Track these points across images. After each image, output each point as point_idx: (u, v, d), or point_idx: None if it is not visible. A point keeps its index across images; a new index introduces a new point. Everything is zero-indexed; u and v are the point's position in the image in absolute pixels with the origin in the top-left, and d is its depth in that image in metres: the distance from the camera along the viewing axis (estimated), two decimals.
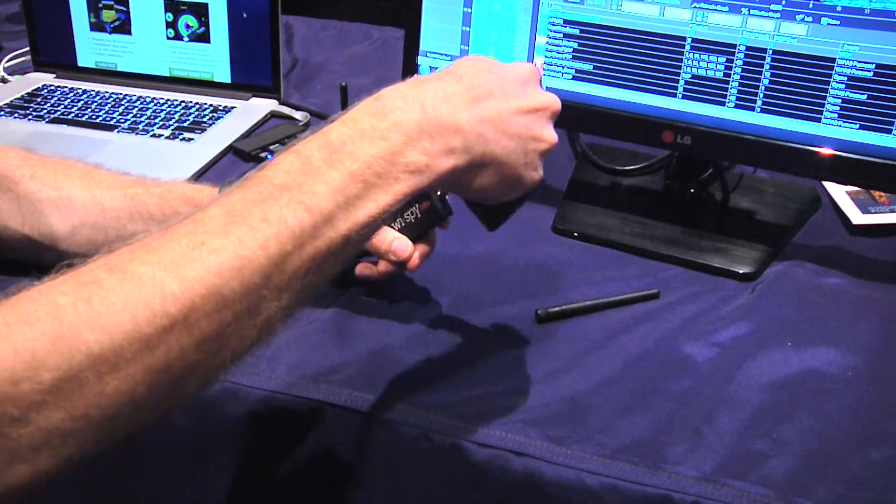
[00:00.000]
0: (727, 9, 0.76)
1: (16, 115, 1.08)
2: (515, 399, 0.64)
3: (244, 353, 0.45)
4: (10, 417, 0.37)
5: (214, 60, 1.14)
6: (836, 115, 0.75)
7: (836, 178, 0.86)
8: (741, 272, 0.80)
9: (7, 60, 1.25)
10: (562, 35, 0.83)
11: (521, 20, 0.84)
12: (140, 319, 0.40)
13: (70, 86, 1.16)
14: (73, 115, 1.08)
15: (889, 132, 0.74)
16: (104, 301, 0.39)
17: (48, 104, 1.10)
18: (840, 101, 0.75)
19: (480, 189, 0.54)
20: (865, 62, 0.73)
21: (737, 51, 0.77)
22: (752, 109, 0.78)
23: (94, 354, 0.38)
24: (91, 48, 1.17)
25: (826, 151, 0.77)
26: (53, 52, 1.19)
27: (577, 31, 0.83)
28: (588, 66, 0.84)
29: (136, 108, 1.10)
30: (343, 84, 1.08)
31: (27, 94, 1.13)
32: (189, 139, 1.03)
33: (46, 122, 1.06)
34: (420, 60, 0.89)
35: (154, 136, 1.03)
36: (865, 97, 0.74)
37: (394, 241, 0.68)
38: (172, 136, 1.03)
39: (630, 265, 0.82)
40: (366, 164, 0.48)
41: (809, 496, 0.56)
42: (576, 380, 0.66)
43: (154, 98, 1.13)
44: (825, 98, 0.75)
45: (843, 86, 0.75)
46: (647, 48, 0.80)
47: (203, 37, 1.13)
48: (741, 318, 0.74)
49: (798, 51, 0.75)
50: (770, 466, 0.59)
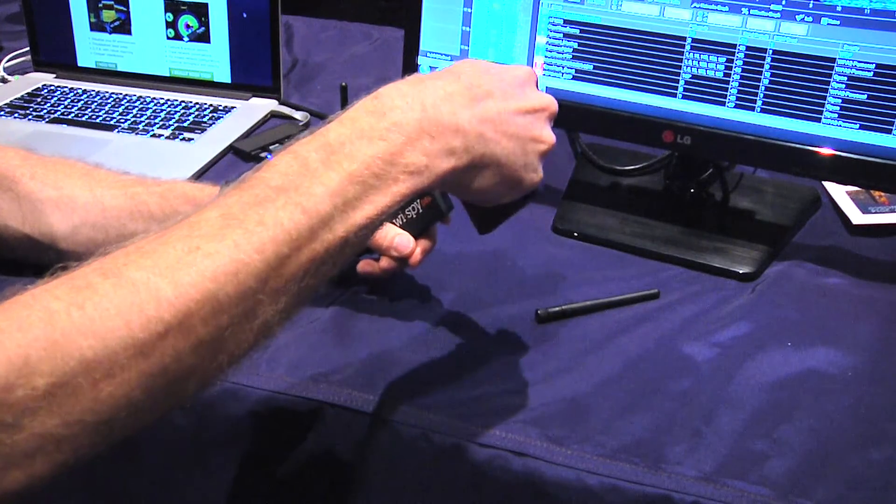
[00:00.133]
0: (727, 9, 0.76)
1: (16, 115, 1.08)
2: (515, 399, 0.64)
3: (241, 357, 0.44)
4: (4, 423, 0.37)
5: (214, 60, 1.14)
6: (836, 115, 0.75)
7: (836, 178, 0.86)
8: (741, 272, 0.80)
9: (7, 60, 1.25)
10: (562, 35, 0.83)
11: (521, 20, 0.84)
12: (134, 325, 0.39)
13: (70, 86, 1.16)
14: (73, 115, 1.08)
15: (889, 132, 0.74)
16: (98, 306, 0.39)
17: (48, 104, 1.10)
18: (840, 101, 0.75)
19: (480, 190, 0.54)
20: (865, 62, 0.73)
21: (737, 51, 0.77)
22: (752, 109, 0.78)
23: (88, 360, 0.38)
24: (91, 48, 1.17)
25: (826, 151, 0.77)
26: (53, 52, 1.19)
27: (577, 31, 0.83)
28: (588, 66, 0.84)
29: (136, 108, 1.10)
30: (343, 84, 1.08)
31: (27, 94, 1.13)
32: (189, 139, 1.03)
33: (46, 122, 1.06)
34: (420, 60, 0.89)
35: (154, 136, 1.03)
36: (865, 97, 0.74)
37: (395, 238, 0.68)
38: (172, 136, 1.03)
39: (630, 265, 0.82)
40: (364, 165, 0.47)
41: (809, 496, 0.56)
42: (576, 380, 0.66)
43: (154, 98, 1.13)
44: (825, 98, 0.75)
45: (843, 86, 0.75)
46: (647, 48, 0.80)
47: (203, 37, 1.13)
48: (741, 318, 0.74)
49: (798, 51, 0.75)
50: (770, 466, 0.59)
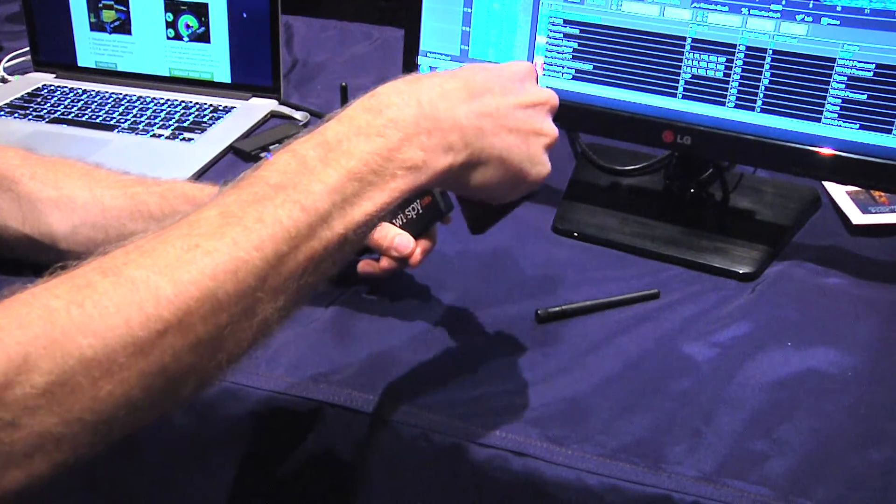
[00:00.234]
0: (727, 9, 0.76)
1: (16, 115, 1.08)
2: (515, 399, 0.64)
3: (241, 355, 0.44)
4: (4, 422, 0.37)
5: (214, 60, 1.14)
6: (836, 115, 0.75)
7: (836, 178, 0.86)
8: (741, 272, 0.80)
9: (7, 60, 1.25)
10: (562, 35, 0.83)
11: (521, 20, 0.84)
12: (134, 323, 0.39)
13: (70, 86, 1.16)
14: (73, 115, 1.08)
15: (889, 132, 0.74)
16: (97, 305, 0.39)
17: (48, 104, 1.10)
18: (840, 101, 0.75)
19: (483, 186, 0.53)
20: (865, 62, 0.73)
21: (737, 51, 0.77)
22: (752, 109, 0.78)
23: (87, 359, 0.38)
24: (91, 48, 1.17)
25: (826, 151, 0.77)
26: (53, 52, 1.19)
27: (577, 31, 0.83)
28: (588, 66, 0.84)
29: (136, 108, 1.10)
30: (343, 84, 1.08)
31: (27, 94, 1.13)
32: (189, 139, 1.03)
33: (46, 122, 1.06)
34: (420, 60, 0.89)
35: (154, 136, 1.03)
36: (865, 97, 0.74)
37: (395, 238, 0.68)
38: (172, 136, 1.03)
39: (630, 265, 0.82)
40: (362, 162, 0.47)
41: (809, 496, 0.56)
42: (576, 380, 0.66)
43: (154, 98, 1.13)
44: (825, 98, 0.75)
45: (843, 86, 0.75)
46: (647, 48, 0.80)
47: (203, 37, 1.13)
48: (741, 318, 0.74)
49: (798, 51, 0.75)
50: (770, 466, 0.59)
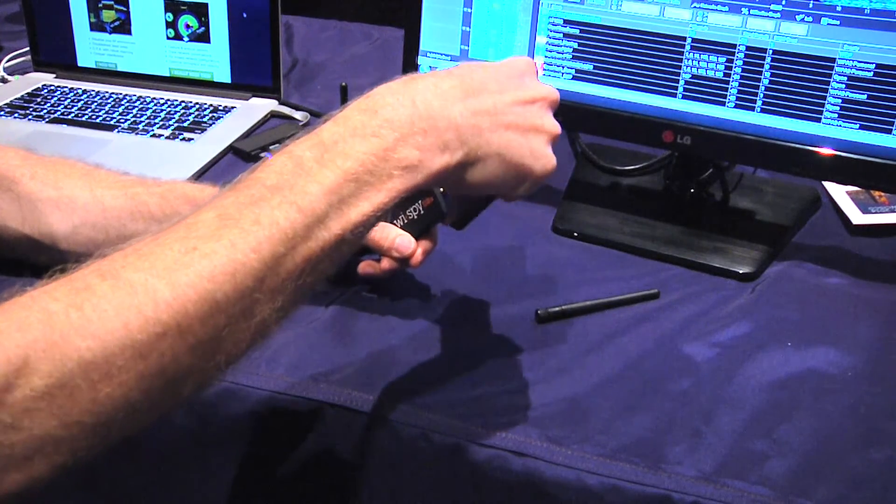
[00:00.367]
0: (727, 9, 0.76)
1: (16, 115, 1.08)
2: (515, 399, 0.64)
3: (239, 356, 0.45)
4: (3, 424, 0.37)
5: (214, 60, 1.14)
6: (836, 115, 0.75)
7: (836, 178, 0.86)
8: (741, 272, 0.80)
9: (7, 60, 1.25)
10: (562, 35, 0.83)
11: (521, 20, 0.84)
12: (132, 326, 0.39)
13: (70, 86, 1.16)
14: (73, 115, 1.08)
15: (889, 132, 0.74)
16: (96, 308, 0.39)
17: (48, 104, 1.10)
18: (840, 101, 0.75)
19: (485, 184, 0.53)
20: (865, 62, 0.73)
21: (737, 51, 0.77)
22: (752, 109, 0.78)
23: (86, 362, 0.38)
24: (91, 48, 1.17)
25: (826, 151, 0.77)
26: (53, 52, 1.19)
27: (577, 31, 0.83)
28: (588, 66, 0.84)
29: (136, 108, 1.10)
30: (343, 84, 1.08)
31: (27, 94, 1.13)
32: (189, 139, 1.03)
33: (46, 122, 1.06)
34: (420, 60, 0.89)
35: (154, 136, 1.03)
36: (865, 97, 0.74)
37: (396, 239, 0.68)
38: (172, 136, 1.03)
39: (630, 265, 0.82)
40: (358, 163, 0.47)
41: (809, 496, 0.56)
42: (576, 380, 0.66)
43: (154, 98, 1.13)
44: (825, 98, 0.75)
45: (843, 86, 0.75)
46: (647, 48, 0.80)
47: (203, 37, 1.13)
48: (741, 318, 0.74)
49: (798, 51, 0.75)
50: (770, 466, 0.59)
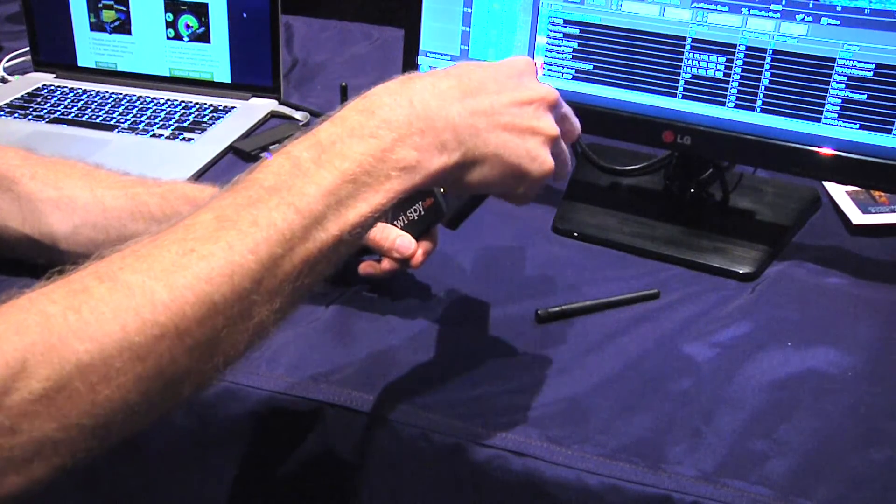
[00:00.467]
0: (727, 9, 0.76)
1: (16, 115, 1.08)
2: (515, 399, 0.64)
3: (237, 357, 0.45)
4: (3, 427, 0.37)
5: (214, 60, 1.14)
6: (836, 115, 0.75)
7: (836, 178, 0.86)
8: (741, 272, 0.80)
9: (7, 60, 1.25)
10: (562, 35, 0.83)
11: (521, 20, 0.84)
12: (130, 329, 0.39)
13: (70, 86, 1.16)
14: (73, 115, 1.08)
15: (889, 132, 0.74)
16: (94, 310, 0.39)
17: (48, 104, 1.10)
18: (840, 101, 0.75)
19: (483, 185, 0.53)
20: (865, 62, 0.73)
21: (737, 51, 0.77)
22: (752, 109, 0.78)
23: (84, 364, 0.38)
24: (91, 48, 1.17)
25: (826, 151, 0.77)
26: (53, 52, 1.19)
27: (577, 31, 0.83)
28: (588, 66, 0.83)
29: (136, 108, 1.10)
30: (343, 84, 1.08)
31: (27, 94, 1.13)
32: (189, 139, 1.03)
33: (46, 122, 1.06)
34: (420, 60, 0.89)
35: (154, 136, 1.03)
36: (865, 97, 0.74)
37: (397, 239, 0.68)
38: (172, 136, 1.03)
39: (630, 265, 0.82)
40: (356, 164, 0.47)
41: (809, 496, 0.56)
42: (576, 380, 0.66)
43: (154, 98, 1.13)
44: (825, 98, 0.75)
45: (843, 86, 0.75)
46: (647, 48, 0.80)
47: (203, 37, 1.13)
48: (741, 318, 0.74)
49: (798, 51, 0.75)
50: (770, 466, 0.59)
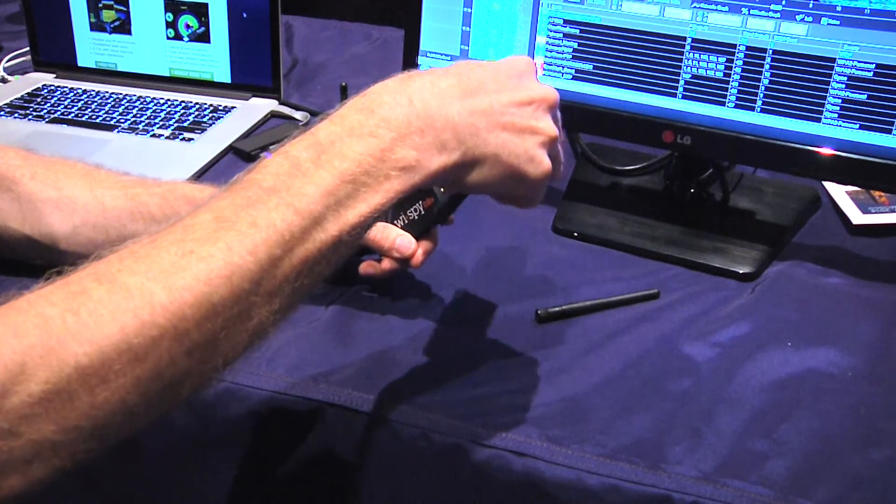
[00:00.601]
0: (727, 9, 0.76)
1: (16, 115, 1.08)
2: (515, 399, 0.64)
3: (236, 358, 0.44)
4: (2, 430, 0.37)
5: (214, 60, 1.14)
6: (836, 115, 0.75)
7: (836, 178, 0.86)
8: (741, 272, 0.80)
9: (7, 60, 1.25)
10: (562, 35, 0.83)
11: (521, 20, 0.84)
12: (129, 330, 0.39)
13: (70, 86, 1.16)
14: (73, 115, 1.08)
15: (889, 132, 0.74)
16: (92, 312, 0.39)
17: (48, 104, 1.10)
18: (840, 101, 0.75)
19: (483, 185, 0.53)
20: (865, 62, 0.73)
21: (737, 51, 0.77)
22: (752, 109, 0.78)
23: (83, 367, 0.38)
24: (91, 48, 1.17)
25: (826, 151, 0.77)
26: (53, 52, 1.19)
27: (577, 31, 0.83)
28: (588, 66, 0.83)
29: (136, 108, 1.10)
30: (343, 84, 1.08)
31: (27, 94, 1.13)
32: (189, 139, 1.03)
33: (46, 122, 1.06)
34: (420, 60, 0.89)
35: (154, 136, 1.03)
36: (865, 97, 0.74)
37: (397, 239, 0.68)
38: (172, 136, 1.03)
39: (630, 265, 0.82)
40: (355, 164, 0.47)
41: (809, 496, 0.56)
42: (576, 380, 0.66)
43: (154, 98, 1.13)
44: (825, 98, 0.75)
45: (843, 86, 0.75)
46: (647, 48, 0.80)
47: (203, 37, 1.13)
48: (741, 318, 0.74)
49: (798, 51, 0.75)
50: (770, 466, 0.59)
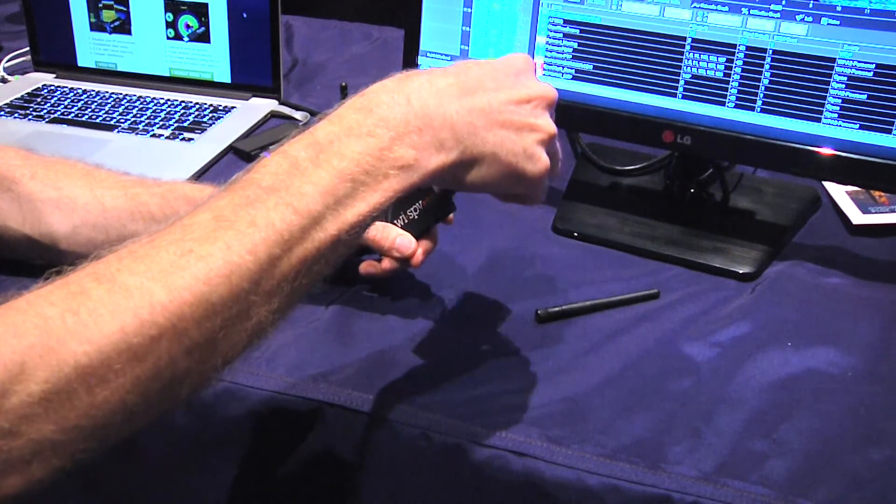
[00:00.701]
0: (727, 9, 0.76)
1: (16, 115, 1.08)
2: (515, 399, 0.64)
3: (235, 358, 0.45)
4: (2, 430, 0.37)
5: (214, 60, 1.14)
6: (836, 115, 0.75)
7: (836, 178, 0.86)
8: (741, 272, 0.80)
9: (7, 60, 1.25)
10: (562, 35, 0.83)
11: (521, 20, 0.84)
12: (128, 330, 0.39)
13: (70, 86, 1.16)
14: (73, 115, 1.08)
15: (889, 132, 0.74)
16: (92, 312, 0.39)
17: (48, 104, 1.10)
18: (840, 101, 0.75)
19: (482, 183, 0.53)
20: (865, 62, 0.73)
21: (737, 51, 0.77)
22: (752, 109, 0.78)
23: (83, 366, 0.38)
24: (91, 48, 1.17)
25: (826, 151, 0.77)
26: (53, 52, 1.19)
27: (577, 31, 0.83)
28: (588, 66, 0.83)
29: (136, 108, 1.10)
30: (343, 84, 1.08)
31: (27, 94, 1.13)
32: (189, 139, 1.03)
33: (46, 122, 1.06)
34: (420, 60, 0.89)
35: (154, 136, 1.03)
36: (865, 97, 0.74)
37: (397, 239, 0.68)
38: (172, 136, 1.03)
39: (630, 265, 0.82)
40: (354, 163, 0.47)
41: (809, 496, 0.56)
42: (576, 380, 0.66)
43: (154, 98, 1.13)
44: (825, 98, 0.75)
45: (843, 86, 0.75)
46: (647, 48, 0.80)
47: (203, 37, 1.13)
48: (741, 318, 0.74)
49: (798, 51, 0.75)
50: (770, 466, 0.59)
